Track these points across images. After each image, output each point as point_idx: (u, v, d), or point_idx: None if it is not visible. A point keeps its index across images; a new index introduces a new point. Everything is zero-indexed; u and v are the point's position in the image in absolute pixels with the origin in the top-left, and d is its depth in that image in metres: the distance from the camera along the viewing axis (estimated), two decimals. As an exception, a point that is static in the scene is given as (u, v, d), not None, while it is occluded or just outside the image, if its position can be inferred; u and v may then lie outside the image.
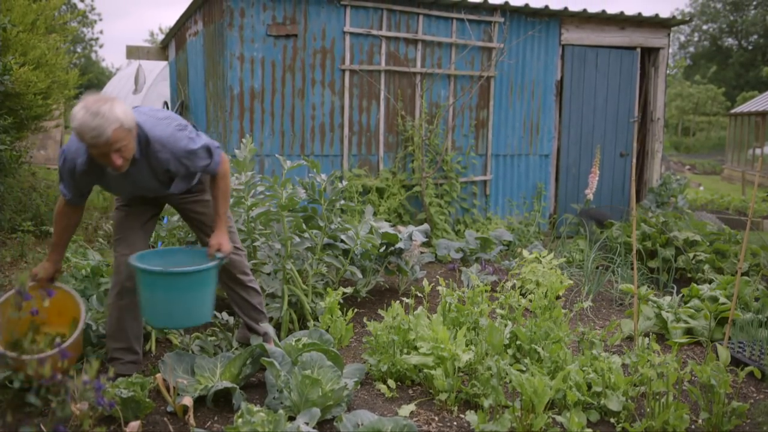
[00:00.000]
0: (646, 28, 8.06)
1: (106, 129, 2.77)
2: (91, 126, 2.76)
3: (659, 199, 8.14)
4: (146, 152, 3.06)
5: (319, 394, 2.90)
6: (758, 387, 3.60)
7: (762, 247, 5.89)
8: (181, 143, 3.08)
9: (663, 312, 4.37)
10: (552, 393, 2.90)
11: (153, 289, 3.06)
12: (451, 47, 7.17)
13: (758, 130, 17.24)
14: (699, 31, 43.53)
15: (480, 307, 3.70)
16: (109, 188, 3.31)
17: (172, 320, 3.20)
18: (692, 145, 31.17)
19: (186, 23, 8.60)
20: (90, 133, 2.77)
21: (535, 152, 7.75)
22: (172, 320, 3.20)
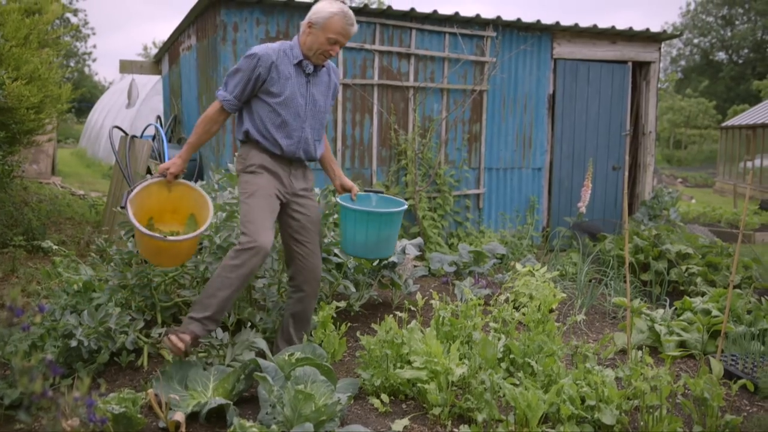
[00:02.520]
0: (638, 42, 8.13)
1: (355, 23, 3.53)
2: (349, 15, 3.49)
3: (651, 212, 8.17)
4: (328, 66, 3.75)
5: (312, 409, 2.89)
6: (751, 400, 3.60)
7: (754, 260, 5.91)
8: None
9: (656, 325, 4.37)
10: (546, 407, 2.90)
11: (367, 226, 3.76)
12: (444, 61, 7.21)
13: (749, 143, 17.34)
14: (690, 45, 43.90)
15: (473, 321, 3.70)
16: (279, 96, 3.54)
17: (376, 252, 3.90)
18: (684, 158, 31.33)
19: (179, 38, 8.62)
20: (348, 21, 3.48)
21: (527, 166, 7.78)
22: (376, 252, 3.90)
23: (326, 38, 3.47)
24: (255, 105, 3.59)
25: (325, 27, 3.45)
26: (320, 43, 3.48)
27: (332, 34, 3.46)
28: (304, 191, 3.73)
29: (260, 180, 3.54)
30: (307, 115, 3.62)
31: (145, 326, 4.07)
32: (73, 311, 3.87)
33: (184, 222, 3.64)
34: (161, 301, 4.18)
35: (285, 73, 3.52)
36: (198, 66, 7.39)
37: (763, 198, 14.25)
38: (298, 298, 3.73)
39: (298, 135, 3.60)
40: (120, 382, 3.59)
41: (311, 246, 3.71)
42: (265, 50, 3.51)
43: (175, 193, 3.63)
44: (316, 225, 3.76)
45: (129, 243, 4.22)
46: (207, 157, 7.07)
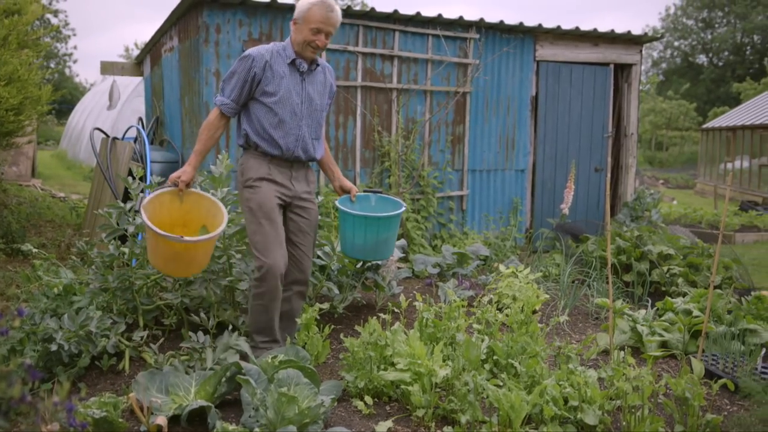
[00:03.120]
0: (619, 45, 8.19)
1: (336, 10, 3.56)
2: (328, 3, 3.51)
3: (634, 214, 8.23)
4: (323, 65, 3.82)
5: (296, 411, 2.88)
6: (732, 399, 3.63)
7: (734, 261, 5.97)
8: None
9: (638, 325, 4.40)
10: (529, 408, 2.90)
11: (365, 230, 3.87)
12: (427, 63, 7.22)
13: (729, 145, 17.53)
14: (671, 48, 44.32)
15: (457, 323, 3.70)
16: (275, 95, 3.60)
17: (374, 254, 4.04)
18: (665, 159, 31.60)
19: (161, 39, 8.57)
20: (327, 8, 3.51)
21: (510, 167, 7.80)
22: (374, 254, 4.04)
23: (309, 29, 3.55)
24: (252, 107, 3.66)
25: (307, 19, 3.54)
26: (305, 35, 3.57)
27: (314, 24, 3.53)
28: (307, 194, 3.82)
29: (260, 196, 3.62)
30: (303, 114, 3.69)
31: (127, 330, 4.04)
32: (53, 315, 3.83)
33: (195, 235, 3.60)
34: (143, 304, 4.15)
35: (279, 72, 3.60)
36: (180, 67, 7.35)
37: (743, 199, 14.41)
38: (286, 297, 3.79)
39: (296, 133, 3.67)
40: (101, 387, 3.55)
41: (305, 248, 3.81)
42: (259, 51, 3.59)
43: (186, 204, 3.63)
44: (313, 229, 3.85)
45: (110, 246, 4.18)
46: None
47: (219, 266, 4.15)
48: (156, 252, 3.45)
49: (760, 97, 19.91)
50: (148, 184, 4.41)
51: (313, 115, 3.74)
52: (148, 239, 3.44)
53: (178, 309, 4.23)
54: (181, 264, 3.49)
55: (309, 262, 3.84)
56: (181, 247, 3.38)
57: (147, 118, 10.04)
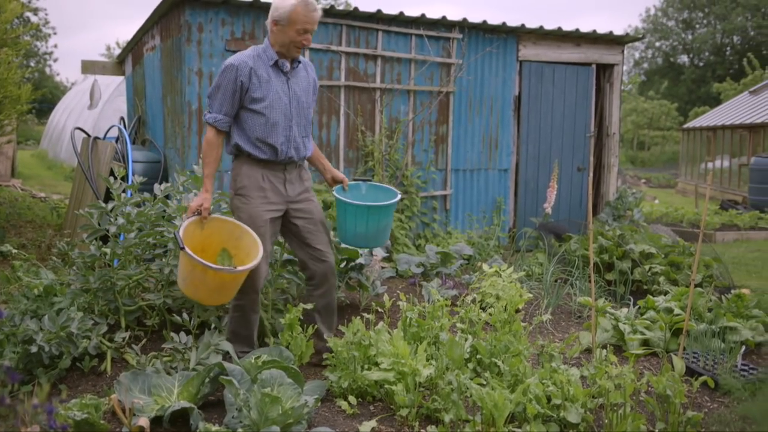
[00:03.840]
0: (601, 45, 8.24)
1: (317, 8, 3.54)
2: (309, 2, 3.49)
3: (616, 213, 8.28)
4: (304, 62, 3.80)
5: (279, 412, 2.87)
6: (712, 396, 3.67)
7: (714, 259, 6.03)
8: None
9: (620, 324, 4.43)
10: (512, 406, 2.92)
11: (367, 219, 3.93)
12: (411, 63, 7.23)
13: (709, 144, 17.70)
14: (652, 48, 44.66)
15: (440, 322, 3.71)
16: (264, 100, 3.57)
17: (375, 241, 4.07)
18: (647, 159, 31.84)
19: (143, 38, 8.51)
20: (309, 7, 3.49)
21: (494, 167, 7.83)
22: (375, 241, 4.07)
23: (295, 30, 3.52)
24: (241, 115, 3.62)
25: (291, 20, 3.49)
26: (290, 37, 3.53)
27: (299, 24, 3.50)
28: (303, 194, 3.80)
29: (250, 208, 3.62)
30: (292, 114, 3.67)
31: (109, 331, 4.02)
32: (34, 316, 3.79)
33: (214, 259, 3.55)
34: (125, 305, 4.12)
35: (264, 76, 3.57)
36: (162, 67, 7.30)
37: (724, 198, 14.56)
38: (320, 293, 3.89)
39: (287, 134, 3.65)
40: (82, 388, 3.52)
41: (321, 246, 3.82)
42: (241, 59, 3.54)
43: (207, 230, 3.59)
44: (320, 222, 3.85)
45: (92, 246, 4.15)
46: (172, 159, 6.99)
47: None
48: (201, 283, 3.38)
49: (739, 97, 20.12)
50: (130, 184, 4.39)
51: (301, 113, 3.73)
52: (191, 272, 3.37)
53: (160, 309, 4.20)
54: (225, 292, 3.46)
55: (331, 256, 3.86)
56: (228, 278, 3.39)
57: (129, 117, 9.96)
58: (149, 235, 4.21)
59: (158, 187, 4.38)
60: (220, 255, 3.57)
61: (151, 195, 4.40)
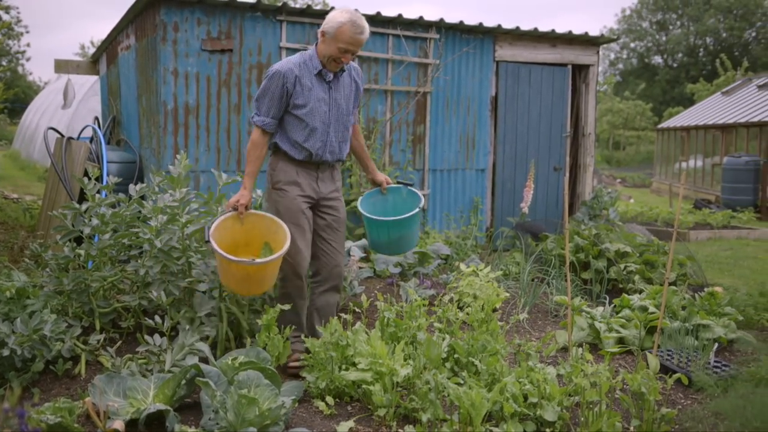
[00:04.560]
0: (577, 46, 8.31)
1: (366, 31, 3.63)
2: (358, 24, 3.58)
3: (592, 212, 8.35)
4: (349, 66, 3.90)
5: (256, 413, 2.86)
6: (685, 393, 3.71)
7: (688, 258, 6.10)
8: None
9: (596, 322, 4.47)
10: (489, 405, 2.93)
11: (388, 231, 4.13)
12: (388, 63, 7.23)
13: (684, 144, 17.92)
14: (627, 49, 45.15)
15: (418, 322, 3.71)
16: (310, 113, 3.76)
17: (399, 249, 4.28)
18: (623, 159, 32.17)
19: (117, 37, 8.43)
20: (355, 30, 3.58)
21: (471, 167, 7.86)
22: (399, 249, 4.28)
23: (337, 47, 3.64)
24: (283, 117, 3.83)
25: (336, 36, 3.62)
26: (332, 51, 3.67)
27: (342, 43, 3.62)
28: (334, 193, 4.03)
29: (287, 200, 3.84)
30: (330, 120, 3.85)
31: (83, 333, 3.97)
32: (6, 319, 3.73)
33: (258, 253, 3.77)
34: (100, 307, 4.07)
35: (307, 84, 3.73)
36: (137, 66, 7.23)
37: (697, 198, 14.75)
38: (321, 292, 4.02)
39: (324, 140, 3.84)
40: (56, 391, 3.48)
41: (335, 244, 4.01)
42: (287, 66, 3.70)
43: (247, 225, 3.79)
44: (341, 224, 4.06)
45: (65, 247, 4.10)
46: (147, 159, 6.93)
47: (178, 267, 4.10)
48: (228, 275, 3.60)
49: (712, 98, 20.39)
50: (104, 185, 4.34)
51: (340, 119, 3.89)
52: (220, 264, 3.60)
53: (135, 311, 4.16)
54: (254, 284, 3.63)
55: (341, 256, 4.05)
56: (252, 269, 3.55)
57: (103, 117, 9.85)
58: (124, 236, 4.17)
59: (133, 187, 4.34)
60: (264, 248, 3.75)
61: (126, 196, 4.36)
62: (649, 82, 40.75)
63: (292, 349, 3.88)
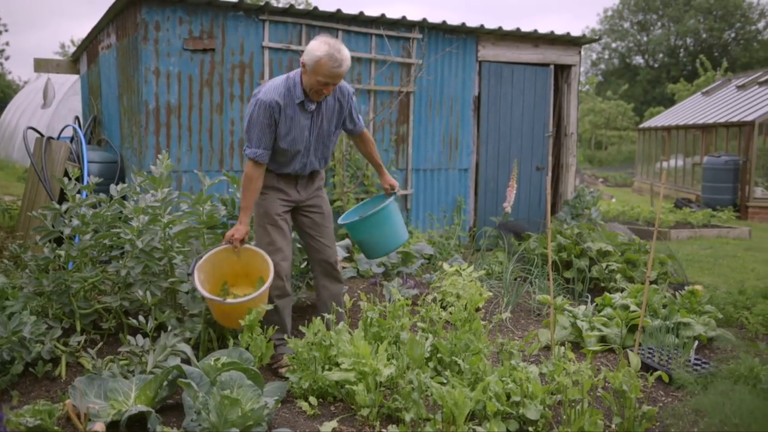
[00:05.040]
0: (559, 46, 8.35)
1: (344, 64, 3.59)
2: (336, 58, 3.54)
3: (574, 212, 8.40)
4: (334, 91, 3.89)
5: (239, 414, 2.84)
6: (666, 390, 3.75)
7: (669, 257, 6.16)
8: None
9: (578, 321, 4.50)
10: (472, 404, 2.94)
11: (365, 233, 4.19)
12: (371, 63, 7.23)
13: (664, 144, 18.07)
14: (609, 50, 45.45)
15: (401, 321, 3.72)
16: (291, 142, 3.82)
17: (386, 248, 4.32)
18: (605, 158, 32.38)
19: (98, 36, 8.36)
20: (332, 63, 3.54)
21: (454, 167, 7.88)
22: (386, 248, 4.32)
23: (316, 80, 3.64)
24: None
25: (315, 70, 3.61)
26: (312, 84, 3.68)
27: (321, 77, 3.62)
28: (315, 191, 4.14)
29: (267, 203, 3.94)
30: (311, 143, 3.92)
31: (63, 334, 3.93)
32: (-15, 321, 3.69)
33: (254, 285, 3.83)
34: (80, 308, 4.04)
35: (290, 113, 3.76)
36: (119, 65, 7.18)
37: (678, 197, 14.88)
38: (322, 285, 4.19)
39: (304, 161, 3.95)
40: (36, 394, 3.44)
41: (324, 238, 4.15)
42: (271, 97, 3.71)
43: (244, 258, 3.84)
44: (327, 219, 4.17)
45: (45, 248, 4.06)
46: (129, 159, 6.88)
47: (160, 268, 4.07)
48: (212, 309, 3.70)
49: (692, 98, 20.59)
50: (85, 185, 4.30)
51: (320, 140, 3.95)
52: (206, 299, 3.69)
53: (117, 312, 4.13)
54: (233, 320, 3.62)
55: (330, 249, 4.16)
56: (227, 307, 3.60)
57: (84, 117, 9.76)
58: (105, 237, 4.14)
59: (114, 187, 4.31)
60: (259, 282, 3.81)
61: (107, 196, 4.32)
62: (631, 83, 41.06)
63: (279, 352, 3.92)
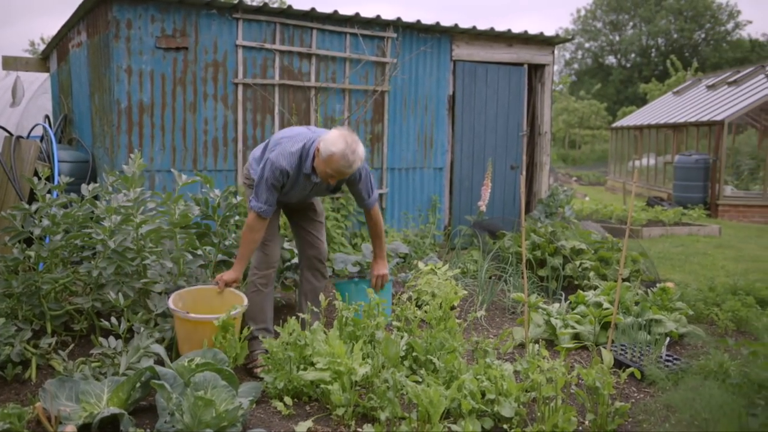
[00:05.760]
0: (533, 46, 8.40)
1: (354, 165, 3.69)
2: (348, 159, 3.64)
3: (548, 210, 8.46)
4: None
5: (213, 415, 2.83)
6: (638, 387, 3.79)
7: (641, 254, 6.23)
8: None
9: (552, 319, 4.53)
10: (447, 402, 2.95)
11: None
12: (346, 62, 7.22)
13: (637, 143, 18.28)
14: (582, 49, 45.85)
15: (376, 320, 3.72)
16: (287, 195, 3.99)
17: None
18: (578, 157, 32.67)
19: (69, 34, 8.24)
20: (343, 162, 3.64)
21: (429, 166, 7.90)
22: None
23: (325, 171, 3.74)
24: None
25: (326, 161, 3.70)
26: (320, 170, 3.78)
27: (330, 169, 3.71)
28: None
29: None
30: (307, 195, 4.11)
31: (34, 336, 3.88)
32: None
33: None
34: (51, 310, 3.98)
35: (294, 177, 3.87)
36: (90, 64, 7.08)
37: (650, 195, 15.07)
38: (307, 277, 4.32)
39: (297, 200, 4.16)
40: (5, 397, 3.39)
41: (316, 233, 4.31)
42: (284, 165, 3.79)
43: (227, 299, 3.88)
44: (321, 215, 4.35)
45: (15, 249, 4.00)
46: (101, 159, 6.79)
47: (132, 268, 4.03)
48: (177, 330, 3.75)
49: (664, 97, 20.86)
50: (55, 185, 4.24)
51: (319, 193, 4.13)
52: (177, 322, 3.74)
53: (89, 313, 4.08)
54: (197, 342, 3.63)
55: (323, 244, 4.34)
56: (190, 325, 3.63)
57: (54, 115, 9.62)
58: (76, 237, 4.08)
59: (86, 187, 4.25)
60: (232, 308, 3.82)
61: (78, 196, 4.27)
62: (604, 82, 41.47)
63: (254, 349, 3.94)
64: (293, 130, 4.04)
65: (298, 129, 4.04)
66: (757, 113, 14.36)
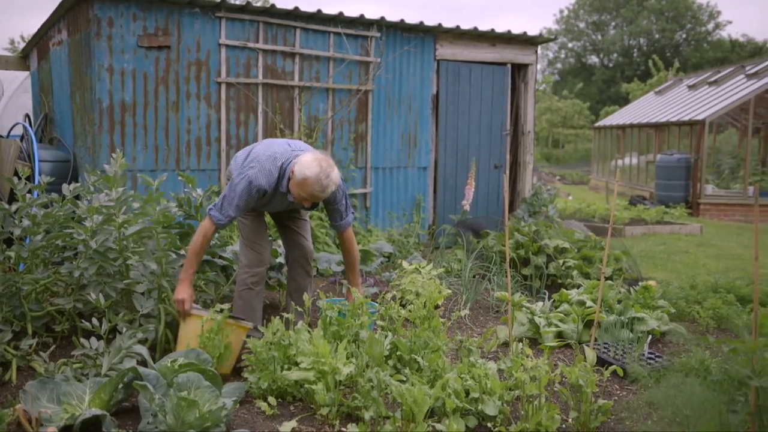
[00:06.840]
0: (516, 45, 8.43)
1: (328, 189, 3.69)
2: (322, 184, 3.64)
3: (531, 209, 8.50)
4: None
5: (196, 416, 2.81)
6: (621, 384, 3.82)
7: (624, 253, 6.27)
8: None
9: (536, 317, 4.55)
10: (431, 401, 2.95)
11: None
12: (329, 61, 7.21)
13: (619, 142, 18.41)
14: (565, 49, 46.11)
15: (361, 320, 3.72)
16: (265, 207, 4.05)
17: None
18: (562, 156, 32.84)
19: (49, 32, 8.16)
20: (317, 187, 3.65)
21: (413, 165, 7.90)
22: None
23: (298, 193, 3.75)
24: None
25: (299, 185, 3.70)
26: (295, 192, 3.78)
27: (303, 192, 3.72)
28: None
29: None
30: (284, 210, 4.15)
31: (14, 338, 3.83)
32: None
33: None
34: (32, 311, 3.94)
35: (271, 194, 3.87)
36: (71, 62, 7.02)
37: (633, 194, 15.17)
38: (292, 275, 4.36)
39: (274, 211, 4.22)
40: (-15, 399, 3.35)
41: (302, 231, 4.34)
42: (262, 183, 3.78)
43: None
44: (304, 214, 4.34)
45: (-6, 250, 3.95)
46: (82, 158, 6.73)
47: (114, 269, 4.00)
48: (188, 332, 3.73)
49: (646, 97, 21.02)
50: (36, 185, 4.20)
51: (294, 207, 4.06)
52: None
53: (70, 314, 4.04)
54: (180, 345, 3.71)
55: (309, 243, 4.37)
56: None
57: (35, 114, 9.53)
58: (57, 237, 4.05)
59: (67, 187, 4.21)
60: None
61: (59, 196, 4.23)
62: (587, 82, 41.71)
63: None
64: (273, 146, 3.96)
65: (278, 145, 3.97)
66: (737, 113, 14.51)
